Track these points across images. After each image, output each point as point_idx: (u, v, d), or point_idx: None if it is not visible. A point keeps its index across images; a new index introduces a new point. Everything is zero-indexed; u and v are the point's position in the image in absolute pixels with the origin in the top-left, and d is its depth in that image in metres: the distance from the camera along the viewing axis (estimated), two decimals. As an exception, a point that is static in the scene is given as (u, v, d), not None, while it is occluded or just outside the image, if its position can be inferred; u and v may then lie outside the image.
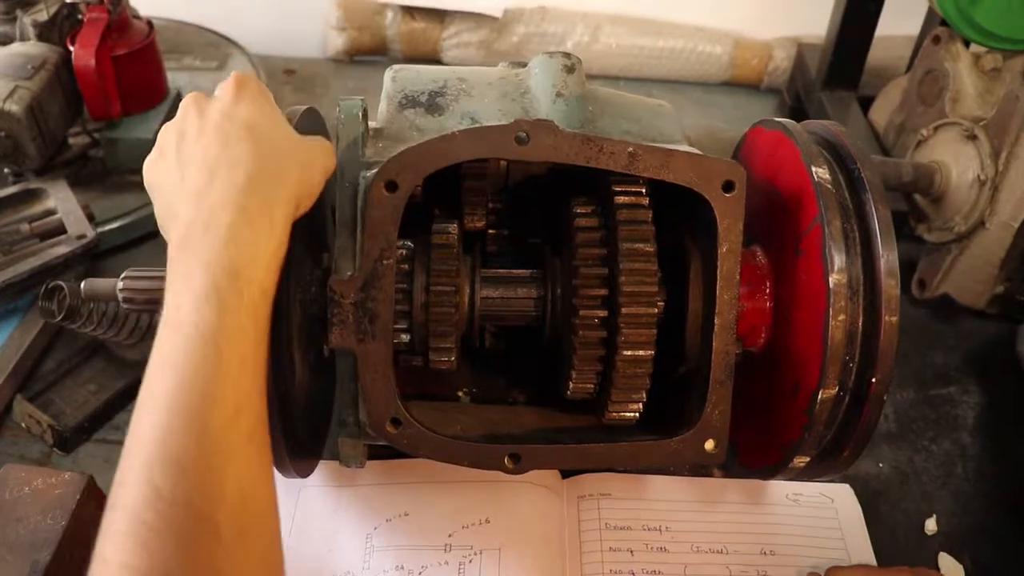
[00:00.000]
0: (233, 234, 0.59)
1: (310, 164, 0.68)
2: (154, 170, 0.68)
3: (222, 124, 0.65)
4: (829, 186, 0.72)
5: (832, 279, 0.70)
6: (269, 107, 0.69)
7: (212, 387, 0.54)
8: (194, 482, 0.51)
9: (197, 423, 0.53)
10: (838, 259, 0.70)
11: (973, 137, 1.05)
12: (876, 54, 1.42)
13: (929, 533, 0.92)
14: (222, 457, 0.53)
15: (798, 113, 1.52)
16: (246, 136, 0.64)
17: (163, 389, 0.54)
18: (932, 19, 1.33)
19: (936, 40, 1.16)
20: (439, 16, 1.65)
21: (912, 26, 1.41)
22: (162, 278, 0.76)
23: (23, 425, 0.97)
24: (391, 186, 0.68)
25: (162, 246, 1.26)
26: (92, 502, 0.82)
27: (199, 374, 0.54)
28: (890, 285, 0.70)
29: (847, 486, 0.94)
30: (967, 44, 1.14)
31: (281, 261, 0.63)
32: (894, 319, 0.70)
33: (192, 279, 0.57)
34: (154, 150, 0.69)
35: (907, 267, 1.16)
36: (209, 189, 0.61)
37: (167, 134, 0.68)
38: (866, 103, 1.40)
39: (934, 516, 0.93)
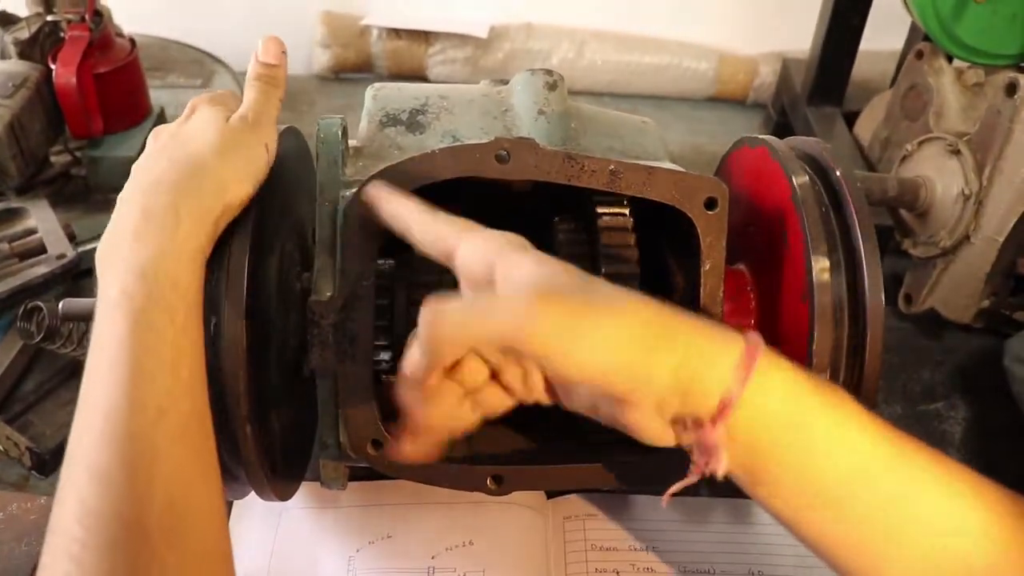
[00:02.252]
0: (135, 235, 0.58)
1: (237, 149, 0.66)
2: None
3: (166, 145, 0.65)
4: (812, 202, 0.72)
5: (816, 296, 0.69)
6: (212, 122, 0.66)
7: (129, 392, 0.53)
8: (119, 491, 0.51)
9: (117, 431, 0.52)
10: (822, 275, 0.70)
11: (957, 152, 1.05)
12: (860, 69, 1.42)
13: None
14: (146, 462, 0.52)
15: (784, 128, 1.53)
16: (173, 149, 0.64)
17: (85, 401, 0.54)
18: (915, 34, 1.34)
19: (919, 55, 1.16)
20: (424, 33, 1.65)
21: (896, 41, 1.41)
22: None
23: (1, 448, 0.96)
24: (370, 205, 0.67)
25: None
26: (69, 527, 0.80)
27: (115, 381, 0.53)
28: (875, 301, 0.69)
29: (835, 504, 0.93)
30: (950, 59, 1.15)
31: (196, 253, 0.61)
32: (879, 335, 0.69)
33: (104, 290, 0.57)
34: None
35: (893, 282, 1.15)
36: (123, 202, 0.62)
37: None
38: (851, 118, 1.41)
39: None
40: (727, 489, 0.85)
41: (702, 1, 1.70)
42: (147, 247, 0.58)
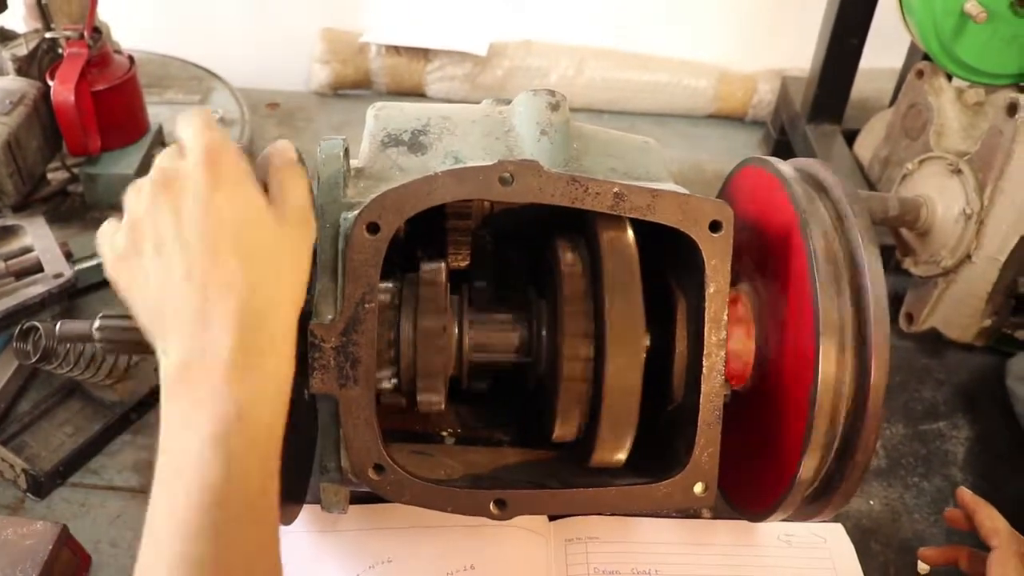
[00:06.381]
0: (235, 372, 0.55)
1: (301, 257, 0.63)
2: (126, 270, 0.60)
3: (203, 225, 0.57)
4: (817, 226, 0.71)
5: (821, 318, 0.69)
6: (249, 189, 0.60)
7: (220, 548, 0.52)
8: None
9: None
10: (827, 298, 0.69)
11: (958, 171, 1.05)
12: (859, 86, 1.43)
13: (922, 572, 0.91)
14: None
15: (783, 146, 1.53)
16: (232, 244, 0.57)
17: (168, 541, 0.52)
18: (915, 52, 1.34)
19: (919, 74, 1.16)
20: (423, 50, 1.65)
21: (894, 59, 1.41)
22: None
23: (-4, 469, 0.95)
24: (373, 228, 0.67)
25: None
26: (65, 552, 0.80)
27: (206, 531, 0.52)
28: (879, 325, 0.69)
29: (839, 525, 0.93)
30: (950, 78, 1.15)
31: (291, 384, 0.59)
32: (885, 357, 0.69)
33: (194, 421, 0.54)
34: (122, 244, 0.60)
35: (894, 301, 1.14)
36: (203, 316, 0.56)
37: (138, 231, 0.59)
38: (850, 136, 1.41)
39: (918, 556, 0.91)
40: (730, 511, 0.85)
41: (701, 19, 1.70)
42: (245, 389, 0.55)
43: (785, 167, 0.77)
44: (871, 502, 0.97)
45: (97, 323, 0.77)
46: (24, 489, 0.93)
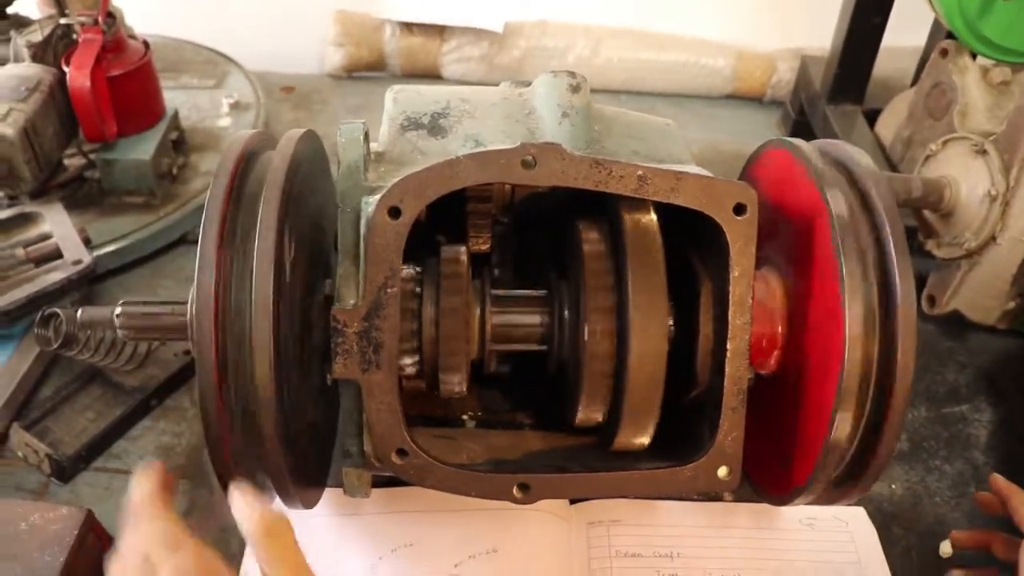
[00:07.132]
0: None
1: None
2: None
3: None
4: (843, 209, 0.70)
5: (848, 302, 0.68)
6: None
7: None
8: None
9: None
10: (854, 282, 0.68)
11: (983, 152, 1.03)
12: (880, 65, 1.41)
13: (944, 556, 0.90)
14: None
15: (802, 126, 1.51)
16: None
17: None
18: (938, 30, 1.32)
19: (943, 53, 1.15)
20: (438, 30, 1.64)
21: (916, 38, 1.39)
22: (158, 307, 0.76)
23: (20, 454, 0.95)
24: (394, 212, 0.67)
25: (157, 269, 1.25)
26: (91, 536, 0.80)
27: None
28: (907, 309, 0.68)
29: (861, 509, 0.92)
30: (974, 57, 1.13)
31: None
32: (911, 343, 0.68)
33: None
34: None
35: (916, 283, 1.13)
36: None
37: None
38: (872, 116, 1.39)
39: (949, 538, 0.91)
40: (751, 494, 0.85)
41: (719, -2, 1.68)
42: None
43: (809, 148, 0.76)
44: (893, 486, 0.97)
45: (118, 310, 0.77)
46: (48, 474, 0.94)
